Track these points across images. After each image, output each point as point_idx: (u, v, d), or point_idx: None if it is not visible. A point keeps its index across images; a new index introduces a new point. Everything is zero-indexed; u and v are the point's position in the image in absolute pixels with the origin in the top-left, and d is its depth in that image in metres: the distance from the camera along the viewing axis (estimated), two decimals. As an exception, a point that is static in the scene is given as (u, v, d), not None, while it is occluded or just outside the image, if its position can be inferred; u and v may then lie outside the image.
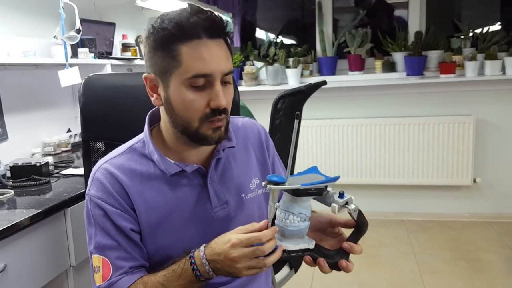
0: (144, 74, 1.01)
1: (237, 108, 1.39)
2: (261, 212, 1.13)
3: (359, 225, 0.97)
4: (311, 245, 0.95)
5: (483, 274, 2.71)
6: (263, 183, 0.92)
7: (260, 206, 1.12)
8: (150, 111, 1.08)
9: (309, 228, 0.96)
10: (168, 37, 0.92)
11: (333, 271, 0.98)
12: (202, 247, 0.93)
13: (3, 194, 1.62)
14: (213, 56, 0.92)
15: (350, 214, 0.95)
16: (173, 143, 1.03)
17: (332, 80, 3.49)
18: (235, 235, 0.90)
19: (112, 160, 1.03)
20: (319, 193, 0.92)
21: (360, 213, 0.96)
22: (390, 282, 2.68)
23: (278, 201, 0.94)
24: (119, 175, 1.00)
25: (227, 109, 0.98)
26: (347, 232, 1.03)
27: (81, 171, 1.92)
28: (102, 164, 1.03)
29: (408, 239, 3.24)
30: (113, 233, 0.99)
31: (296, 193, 0.90)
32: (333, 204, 0.92)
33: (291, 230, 0.92)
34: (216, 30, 0.94)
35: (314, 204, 0.96)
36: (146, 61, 0.99)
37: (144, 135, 1.06)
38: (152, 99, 1.01)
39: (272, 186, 0.89)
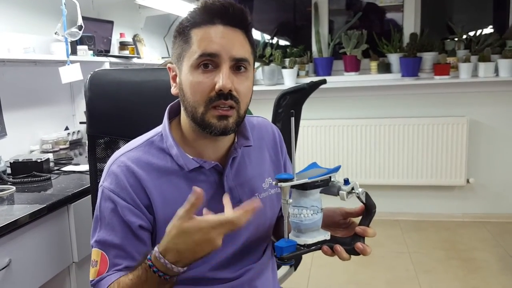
0: (168, 64, 1.03)
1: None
2: (274, 212, 1.13)
3: (368, 207, 0.99)
4: (327, 236, 0.97)
5: (477, 273, 2.74)
6: (273, 182, 0.93)
7: (272, 205, 1.13)
8: (170, 105, 1.07)
9: (322, 224, 0.97)
10: (185, 24, 0.96)
11: (351, 257, 0.98)
12: (156, 247, 0.89)
13: (4, 190, 1.61)
14: (222, 39, 0.93)
15: (358, 198, 0.97)
16: (191, 137, 1.02)
17: (328, 81, 3.47)
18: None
19: (129, 153, 1.02)
20: (325, 184, 0.95)
21: (367, 195, 0.98)
22: (386, 281, 2.70)
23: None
24: (136, 169, 0.99)
25: (236, 97, 0.94)
26: (358, 220, 1.04)
27: (81, 168, 1.92)
28: (119, 156, 1.02)
29: (403, 239, 3.27)
30: (119, 229, 0.97)
31: (305, 187, 0.92)
32: (341, 191, 0.95)
33: (306, 224, 0.94)
34: (230, 17, 0.94)
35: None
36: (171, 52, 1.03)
37: (163, 128, 1.04)
38: (172, 88, 1.02)
39: (282, 184, 0.91)
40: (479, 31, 3.55)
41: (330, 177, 0.96)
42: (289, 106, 1.78)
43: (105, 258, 0.97)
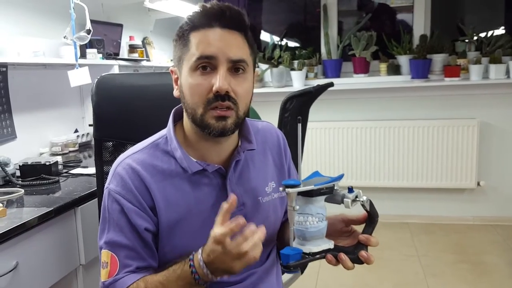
0: (170, 68, 1.05)
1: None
2: (277, 216, 1.13)
3: (372, 215, 1.00)
4: (331, 244, 0.98)
5: (487, 277, 2.72)
6: (280, 188, 0.94)
7: (275, 209, 1.13)
8: (174, 108, 1.08)
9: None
10: (184, 28, 0.98)
11: (355, 265, 0.99)
12: (200, 250, 0.92)
13: (13, 192, 1.62)
14: (220, 41, 0.94)
15: (363, 206, 0.99)
16: (194, 139, 1.04)
17: (337, 83, 3.46)
18: (213, 231, 0.88)
19: (134, 155, 1.03)
20: (330, 192, 0.96)
21: (371, 203, 0.99)
22: (394, 285, 2.68)
23: None
24: (141, 171, 1.00)
25: (234, 98, 0.95)
26: (359, 229, 1.04)
27: (89, 170, 1.94)
28: (124, 158, 1.03)
29: (412, 242, 3.24)
30: (126, 230, 0.99)
31: (311, 193, 0.93)
32: (345, 199, 0.95)
33: (312, 231, 0.94)
34: (228, 20, 0.96)
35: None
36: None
37: (168, 131, 1.06)
38: (174, 91, 1.04)
39: (289, 190, 0.91)
40: (490, 32, 3.51)
41: (334, 185, 0.96)
42: (295, 110, 1.78)
43: (115, 259, 0.99)
